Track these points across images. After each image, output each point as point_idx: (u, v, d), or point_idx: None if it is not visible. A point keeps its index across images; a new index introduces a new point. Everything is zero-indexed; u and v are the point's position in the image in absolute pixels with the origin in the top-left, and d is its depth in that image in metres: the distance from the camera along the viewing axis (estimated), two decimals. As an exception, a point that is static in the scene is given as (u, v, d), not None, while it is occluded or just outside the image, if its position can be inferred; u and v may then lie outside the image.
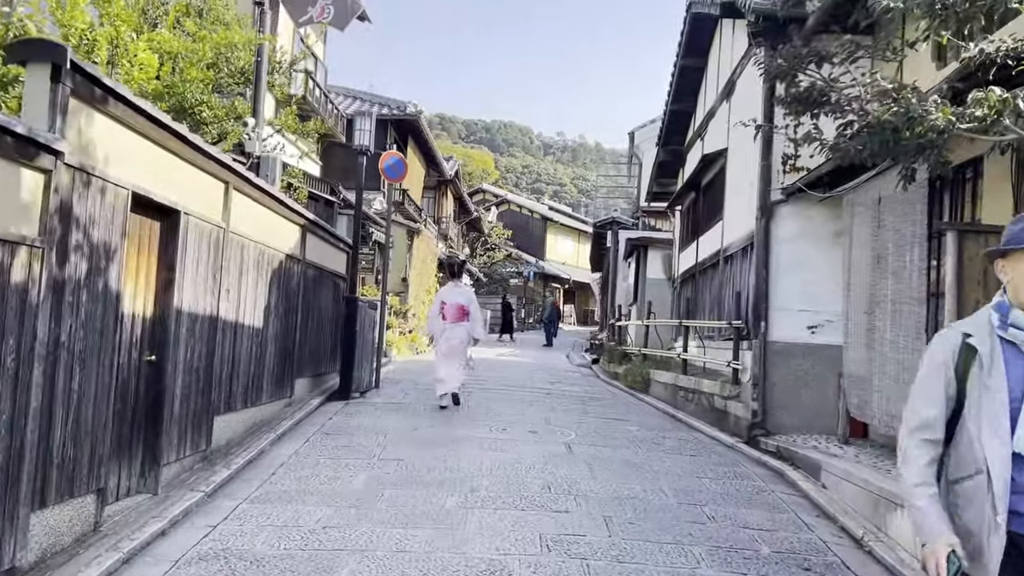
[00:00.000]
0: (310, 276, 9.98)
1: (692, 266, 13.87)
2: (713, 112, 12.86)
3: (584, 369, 17.83)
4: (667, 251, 16.48)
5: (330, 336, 11.29)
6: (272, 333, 8.55)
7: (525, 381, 13.69)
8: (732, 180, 11.22)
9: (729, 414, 9.61)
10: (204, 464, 6.68)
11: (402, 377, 13.31)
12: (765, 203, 9.28)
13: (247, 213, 7.51)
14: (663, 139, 15.75)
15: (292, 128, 11.21)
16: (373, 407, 9.84)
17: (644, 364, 13.27)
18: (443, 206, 30.37)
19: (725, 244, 11.28)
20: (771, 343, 9.11)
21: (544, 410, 10.46)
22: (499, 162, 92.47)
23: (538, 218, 50.01)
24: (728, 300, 11.00)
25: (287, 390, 9.28)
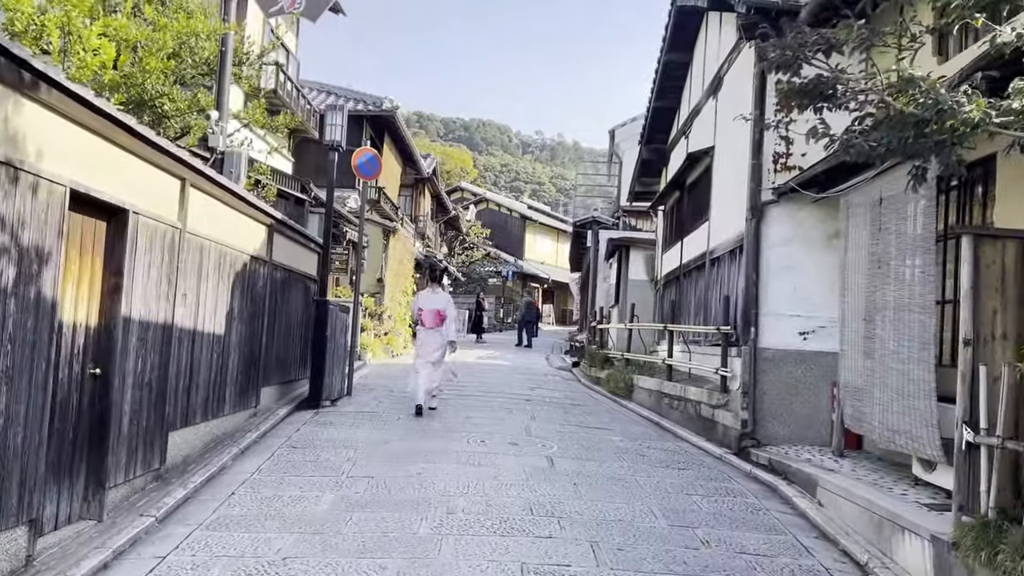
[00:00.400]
0: (278, 278, 9.47)
1: (676, 268, 13.48)
2: (698, 109, 12.48)
3: (564, 372, 17.41)
4: (650, 252, 16.11)
5: (299, 341, 10.79)
6: (236, 340, 8.04)
7: (505, 386, 13.25)
8: (719, 179, 10.84)
9: (717, 423, 9.22)
10: (158, 484, 6.17)
11: (376, 383, 12.82)
12: (755, 203, 8.90)
13: (207, 212, 7.00)
14: (646, 137, 15.37)
15: (260, 123, 10.67)
16: (344, 417, 9.35)
17: (627, 369, 12.87)
18: (421, 204, 29.84)
19: (712, 246, 10.90)
20: (761, 350, 8.73)
21: (524, 418, 10.02)
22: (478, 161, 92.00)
23: (517, 217, 49.60)
24: (715, 304, 10.62)
25: (252, 399, 8.77)
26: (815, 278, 8.77)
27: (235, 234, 7.86)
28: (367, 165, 11.25)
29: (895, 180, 6.35)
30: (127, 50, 9.15)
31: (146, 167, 5.73)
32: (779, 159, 8.97)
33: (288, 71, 15.47)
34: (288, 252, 9.90)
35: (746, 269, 8.93)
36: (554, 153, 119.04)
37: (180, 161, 6.16)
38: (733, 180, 10.08)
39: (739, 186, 9.64)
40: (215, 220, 7.25)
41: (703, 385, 10.01)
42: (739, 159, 9.77)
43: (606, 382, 13.22)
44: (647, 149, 15.55)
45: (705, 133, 11.78)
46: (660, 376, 11.69)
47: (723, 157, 10.75)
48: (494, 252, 45.26)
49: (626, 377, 12.45)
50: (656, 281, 15.77)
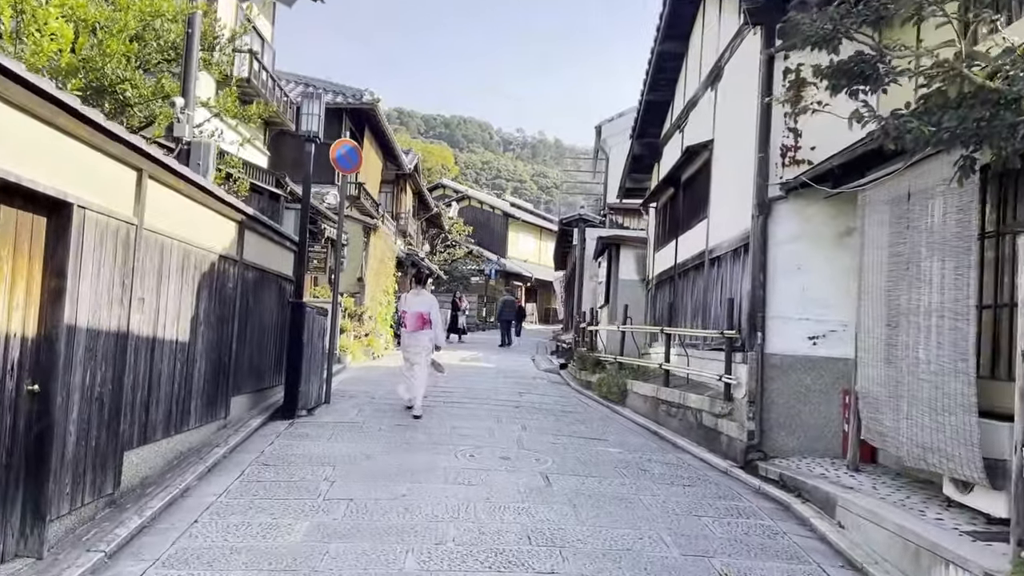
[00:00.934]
0: (249, 279, 8.80)
1: (670, 267, 12.93)
2: (695, 101, 11.93)
3: (552, 375, 16.82)
4: (641, 251, 15.55)
5: (274, 345, 10.12)
6: (203, 346, 7.37)
7: (492, 391, 12.64)
8: (719, 175, 10.29)
9: (721, 433, 8.66)
10: (111, 511, 5.51)
11: (356, 388, 12.16)
12: (762, 199, 8.35)
13: (168, 207, 6.34)
14: (637, 131, 14.80)
15: (232, 112, 10.00)
16: (321, 428, 8.70)
17: (620, 373, 12.30)
18: (402, 201, 29.13)
19: (711, 244, 10.35)
20: (768, 355, 8.19)
21: (515, 428, 9.42)
22: (458, 158, 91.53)
23: (500, 214, 48.97)
24: (716, 306, 10.07)
25: (221, 410, 8.10)
26: (825, 279, 8.24)
27: (201, 231, 7.19)
28: (346, 158, 10.59)
29: (927, 172, 5.80)
30: (86, 31, 8.46)
31: (95, 156, 5.06)
32: (787, 152, 8.43)
33: (263, 60, 14.76)
34: (261, 251, 9.24)
35: (752, 269, 8.38)
36: (535, 151, 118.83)
37: (136, 149, 5.49)
38: (735, 175, 9.53)
39: (742, 181, 9.10)
40: (178, 216, 6.58)
41: (704, 392, 9.45)
42: (742, 153, 9.22)
43: (598, 387, 12.65)
44: (639, 144, 14.98)
45: (703, 126, 11.23)
46: (656, 381, 11.12)
47: (724, 151, 10.20)
48: (476, 250, 44.62)
49: (619, 382, 11.88)
50: (647, 281, 15.22)
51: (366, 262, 18.49)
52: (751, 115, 8.79)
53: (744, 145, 9.12)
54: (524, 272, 46.91)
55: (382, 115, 21.26)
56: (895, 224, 6.36)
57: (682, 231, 12.31)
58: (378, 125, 21.97)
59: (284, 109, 15.45)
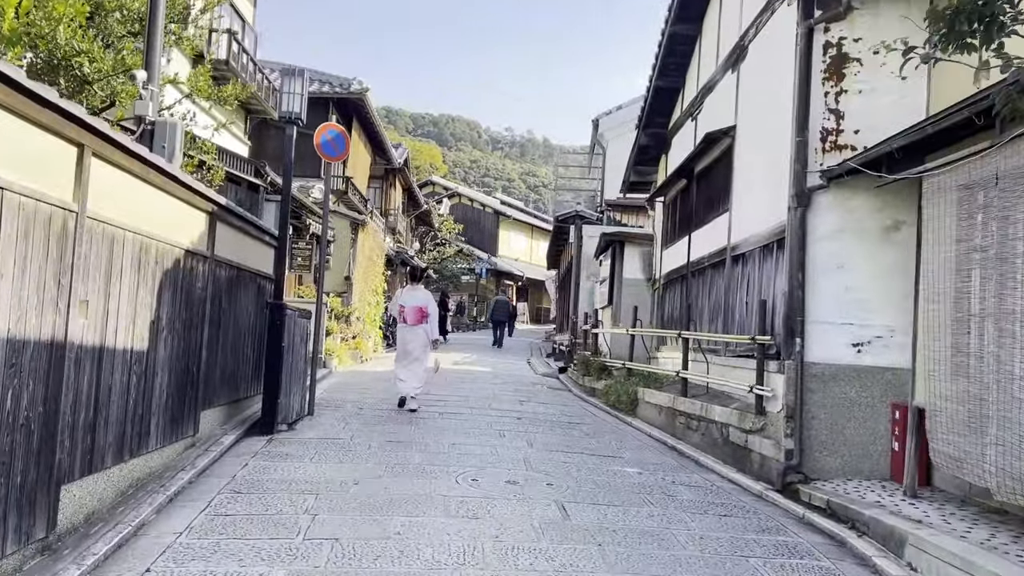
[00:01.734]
0: (222, 277, 7.81)
1: (682, 266, 12.01)
2: (712, 86, 11.01)
3: (551, 380, 15.88)
4: (647, 248, 14.63)
5: (252, 350, 9.13)
6: (166, 355, 6.38)
7: (491, 400, 11.68)
8: (743, 164, 9.38)
9: (752, 452, 7.74)
10: (43, 559, 4.52)
11: (343, 397, 11.18)
12: (801, 189, 7.43)
13: (120, 192, 5.36)
14: (644, 120, 13.87)
15: (205, 92, 9.00)
16: (303, 446, 7.72)
17: (629, 380, 11.38)
18: (391, 197, 28.12)
19: (734, 240, 9.43)
20: (809, 364, 7.28)
21: (520, 444, 8.47)
22: (447, 156, 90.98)
23: (490, 212, 48.03)
24: (740, 308, 9.15)
25: (189, 427, 7.11)
26: (869, 279, 7.36)
27: (163, 222, 6.21)
28: (332, 144, 9.60)
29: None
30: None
31: (18, 125, 4.07)
32: (828, 136, 7.53)
33: (244, 43, 13.75)
34: (236, 246, 8.25)
35: (789, 268, 7.46)
36: (524, 150, 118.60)
37: (74, 120, 4.50)
38: (763, 163, 8.62)
39: (773, 170, 8.20)
40: (133, 203, 5.60)
41: (729, 404, 8.53)
42: (770, 139, 8.33)
43: (604, 395, 11.71)
44: (645, 134, 14.06)
45: (722, 112, 10.31)
46: (671, 390, 10.20)
47: (748, 137, 9.28)
48: (467, 249, 43.69)
49: (629, 390, 10.95)
50: (654, 281, 14.30)
51: (354, 260, 17.50)
52: (783, 96, 7.90)
53: (774, 130, 8.22)
54: (515, 271, 45.99)
55: (371, 106, 20.25)
56: (973, 214, 5.45)
57: (696, 227, 11.39)
58: (367, 116, 20.96)
59: (266, 96, 14.45)
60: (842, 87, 7.55)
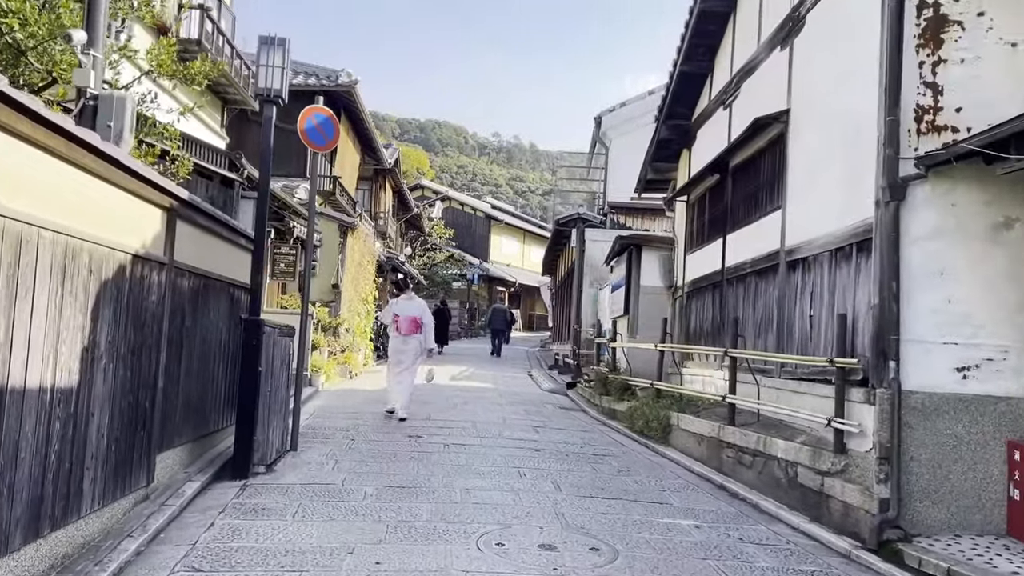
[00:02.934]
0: (185, 288, 6.40)
1: (714, 272, 10.67)
2: (752, 67, 9.68)
3: (560, 398, 14.49)
4: (666, 253, 13.28)
5: (224, 373, 7.71)
6: (105, 390, 4.96)
7: (501, 425, 10.27)
8: (801, 153, 8.05)
9: (831, 498, 6.38)
10: None
11: (332, 424, 9.75)
12: (893, 180, 6.09)
13: (35, 178, 3.96)
14: (666, 111, 12.53)
15: (168, 69, 7.60)
16: (285, 496, 6.29)
17: (659, 403, 10.00)
18: (381, 200, 26.68)
19: (791, 243, 8.09)
20: (907, 394, 5.94)
21: (546, 486, 7.07)
22: (434, 162, 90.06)
23: (481, 216, 46.67)
24: (801, 322, 7.80)
25: (141, 475, 5.69)
26: (975, 288, 6.06)
27: (102, 219, 4.80)
28: (319, 130, 8.19)
29: None
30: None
31: None
32: (924, 115, 6.21)
33: (220, 23, 12.33)
34: (204, 250, 6.84)
35: (879, 275, 6.11)
36: (511, 155, 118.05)
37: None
38: (830, 152, 7.30)
39: (845, 159, 6.92)
40: (55, 194, 4.20)
41: (795, 437, 7.17)
42: (842, 122, 7.04)
43: (629, 418, 10.34)
44: (666, 127, 12.72)
45: (768, 95, 8.98)
46: (711, 416, 8.84)
47: (808, 122, 7.96)
48: (458, 254, 42.34)
49: (659, 414, 9.57)
50: (677, 288, 12.95)
51: (342, 266, 16.07)
52: (861, 70, 6.60)
53: (847, 111, 6.92)
54: (508, 277, 44.62)
55: (361, 100, 18.80)
56: None
57: (733, 228, 10.05)
58: (356, 112, 19.52)
59: (245, 84, 13.03)
60: (940, 56, 6.24)
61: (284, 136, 18.98)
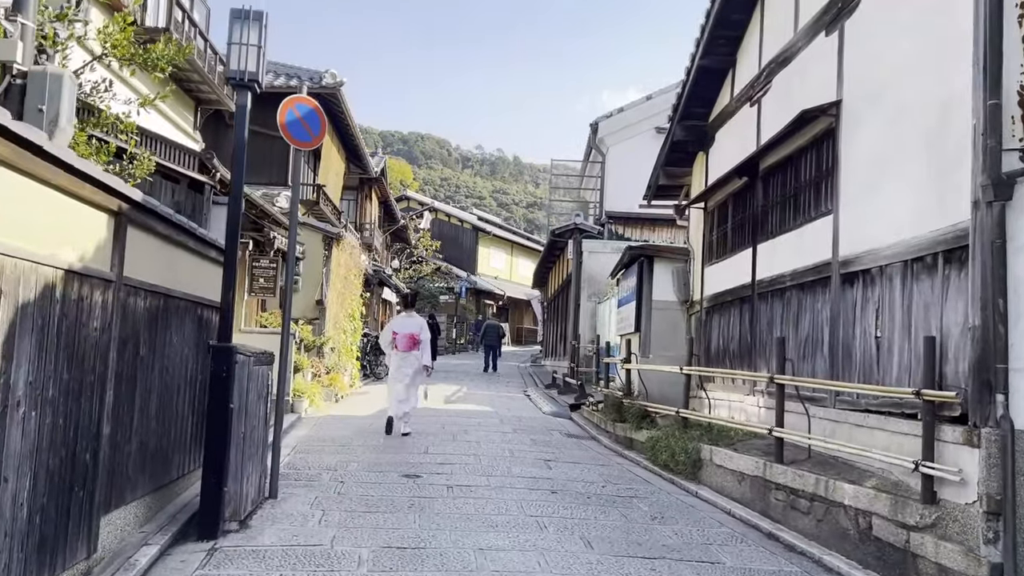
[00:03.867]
0: (139, 310, 5.26)
1: (741, 286, 9.65)
2: (788, 56, 8.69)
3: (565, 422, 13.38)
4: (680, 265, 12.24)
5: (191, 407, 6.56)
6: (24, 446, 3.82)
7: (508, 459, 9.13)
8: (860, 148, 7.03)
9: (920, 558, 5.31)
10: None
11: (317, 460, 8.59)
12: (996, 176, 5.06)
13: None
14: (681, 110, 11.50)
15: (124, 51, 6.47)
16: (262, 563, 5.13)
17: (686, 434, 8.91)
18: (367, 210, 25.53)
19: (847, 252, 7.05)
20: (1021, 435, 4.88)
21: (574, 544, 5.95)
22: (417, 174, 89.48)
23: (469, 228, 45.58)
24: (863, 344, 6.75)
25: (79, 547, 4.53)
26: (1093, 306, 5.01)
27: (17, 224, 3.68)
28: (302, 124, 7.09)
29: None
30: None
31: None
32: (1029, 99, 5.18)
33: (192, 13, 11.20)
34: (163, 263, 5.72)
35: (979, 291, 5.07)
36: (494, 168, 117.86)
37: None
38: (898, 146, 6.30)
39: (920, 153, 5.94)
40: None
41: (863, 481, 6.11)
42: (916, 112, 6.05)
43: (650, 450, 9.24)
44: (681, 127, 11.69)
45: (811, 87, 7.98)
46: (754, 451, 7.77)
47: (867, 114, 6.94)
48: (445, 267, 41.24)
49: (687, 447, 8.48)
50: (693, 303, 11.92)
51: (327, 280, 14.92)
52: (949, 48, 5.58)
53: (926, 98, 5.91)
54: (496, 290, 43.52)
55: (347, 103, 17.67)
56: None
57: (767, 236, 9.02)
58: (341, 117, 18.40)
59: (221, 83, 11.91)
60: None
61: (263, 142, 17.84)
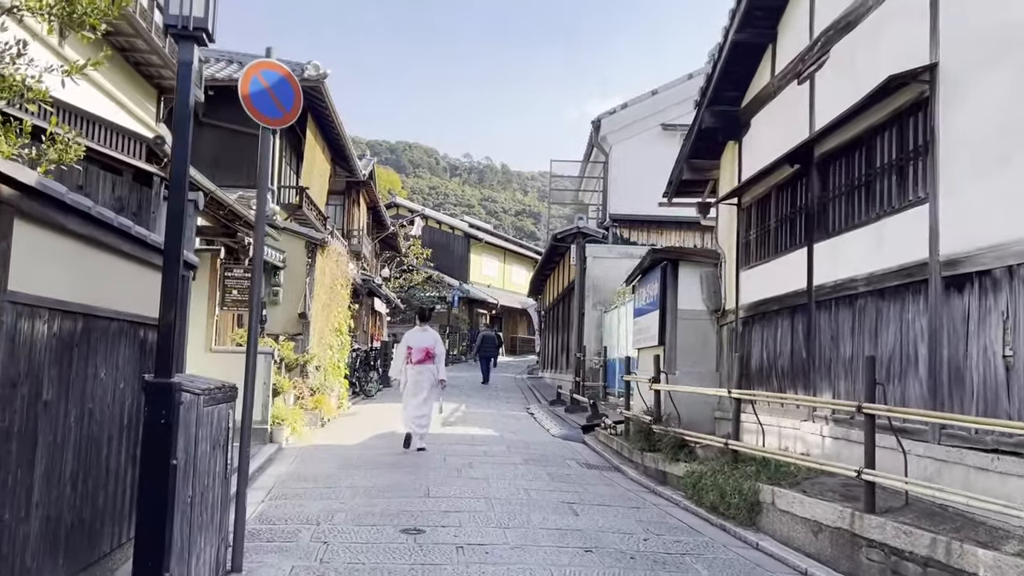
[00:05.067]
0: (40, 337, 3.81)
1: (791, 293, 8.29)
2: (852, 21, 7.34)
3: (579, 448, 11.93)
4: (710, 269, 10.86)
5: (128, 462, 5.09)
6: None
7: (523, 504, 7.66)
8: (970, 120, 5.66)
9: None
10: None
11: (296, 510, 7.13)
12: None
13: None
14: (711, 92, 10.13)
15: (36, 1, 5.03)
16: None
17: (738, 469, 7.49)
18: (354, 216, 24.06)
19: (953, 250, 5.68)
20: None
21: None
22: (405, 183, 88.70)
23: (460, 236, 44.14)
24: (983, 365, 5.37)
25: None
26: None
27: None
28: (270, 95, 5.64)
29: None
30: None
31: None
32: None
33: (148, -14, 9.75)
34: (80, 273, 4.28)
35: None
36: (482, 176, 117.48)
37: None
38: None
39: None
40: None
41: (1000, 544, 4.70)
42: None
43: (692, 487, 7.81)
44: (711, 113, 10.31)
45: (888, 53, 6.62)
46: (830, 495, 6.36)
47: (978, 77, 5.57)
48: (436, 275, 39.80)
49: (740, 486, 7.07)
50: (725, 313, 10.54)
51: (311, 291, 13.46)
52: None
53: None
54: (489, 299, 42.09)
55: (331, 97, 16.22)
56: None
57: (827, 234, 7.66)
58: (325, 112, 16.94)
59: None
60: None
61: (239, 140, 16.35)
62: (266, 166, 6.10)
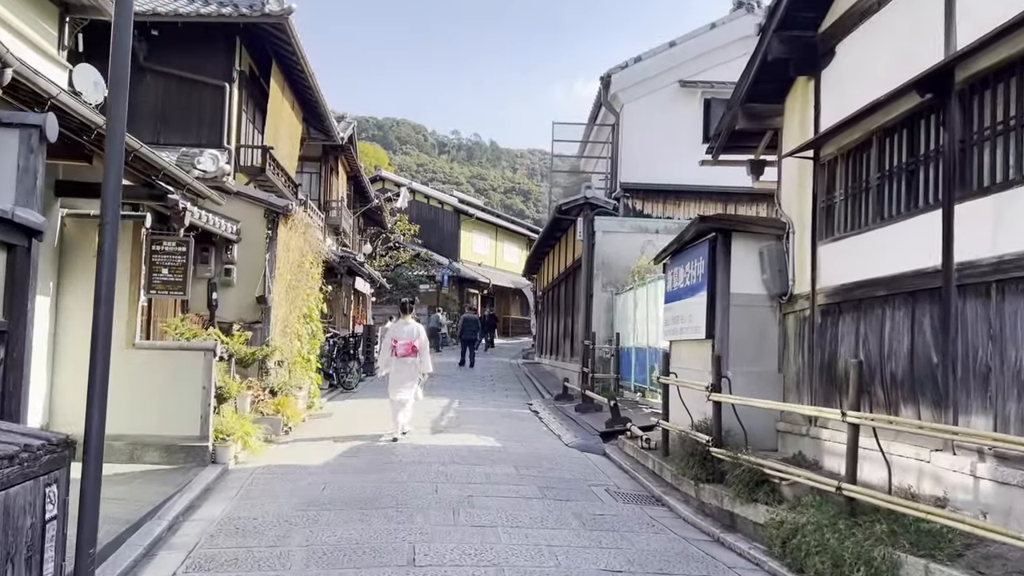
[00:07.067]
0: None
1: (907, 274, 6.04)
2: None
3: (601, 462, 9.67)
4: (770, 243, 8.59)
5: None
6: None
7: (547, 567, 5.46)
8: None
9: None
10: None
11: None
12: None
13: None
14: (783, 11, 7.75)
15: None
16: None
17: (857, 526, 5.23)
18: (333, 186, 21.62)
19: None
20: None
21: None
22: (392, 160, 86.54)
23: (450, 211, 41.70)
24: None
25: None
26: None
27: None
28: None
29: None
30: None
31: None
32: None
33: None
34: None
35: None
36: (471, 153, 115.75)
37: None
38: None
39: None
40: None
41: None
42: None
43: (782, 545, 5.58)
44: (779, 39, 7.94)
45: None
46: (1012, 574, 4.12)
47: None
48: (424, 253, 37.47)
49: (869, 553, 4.84)
50: (794, 299, 8.28)
51: (272, 270, 11.11)
52: None
53: None
54: (480, 277, 39.73)
55: (298, 39, 13.70)
56: None
57: (974, 192, 5.39)
58: (292, 59, 14.44)
59: None
60: None
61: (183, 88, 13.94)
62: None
